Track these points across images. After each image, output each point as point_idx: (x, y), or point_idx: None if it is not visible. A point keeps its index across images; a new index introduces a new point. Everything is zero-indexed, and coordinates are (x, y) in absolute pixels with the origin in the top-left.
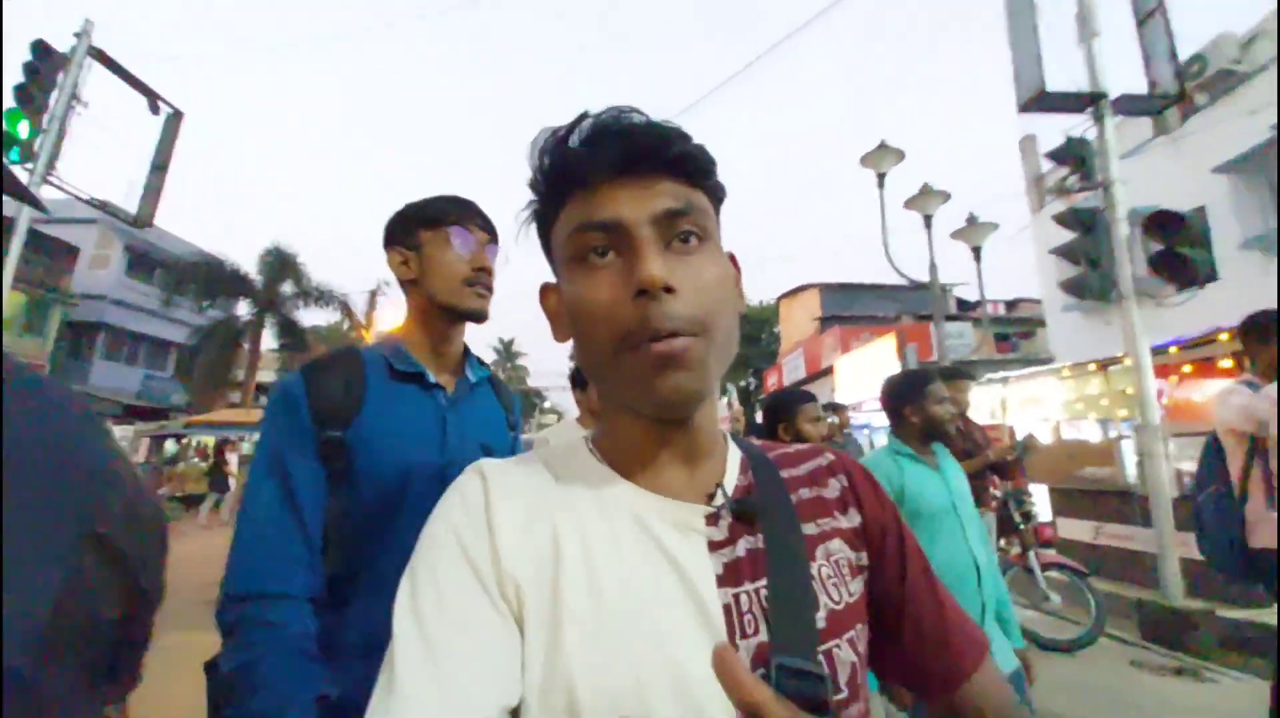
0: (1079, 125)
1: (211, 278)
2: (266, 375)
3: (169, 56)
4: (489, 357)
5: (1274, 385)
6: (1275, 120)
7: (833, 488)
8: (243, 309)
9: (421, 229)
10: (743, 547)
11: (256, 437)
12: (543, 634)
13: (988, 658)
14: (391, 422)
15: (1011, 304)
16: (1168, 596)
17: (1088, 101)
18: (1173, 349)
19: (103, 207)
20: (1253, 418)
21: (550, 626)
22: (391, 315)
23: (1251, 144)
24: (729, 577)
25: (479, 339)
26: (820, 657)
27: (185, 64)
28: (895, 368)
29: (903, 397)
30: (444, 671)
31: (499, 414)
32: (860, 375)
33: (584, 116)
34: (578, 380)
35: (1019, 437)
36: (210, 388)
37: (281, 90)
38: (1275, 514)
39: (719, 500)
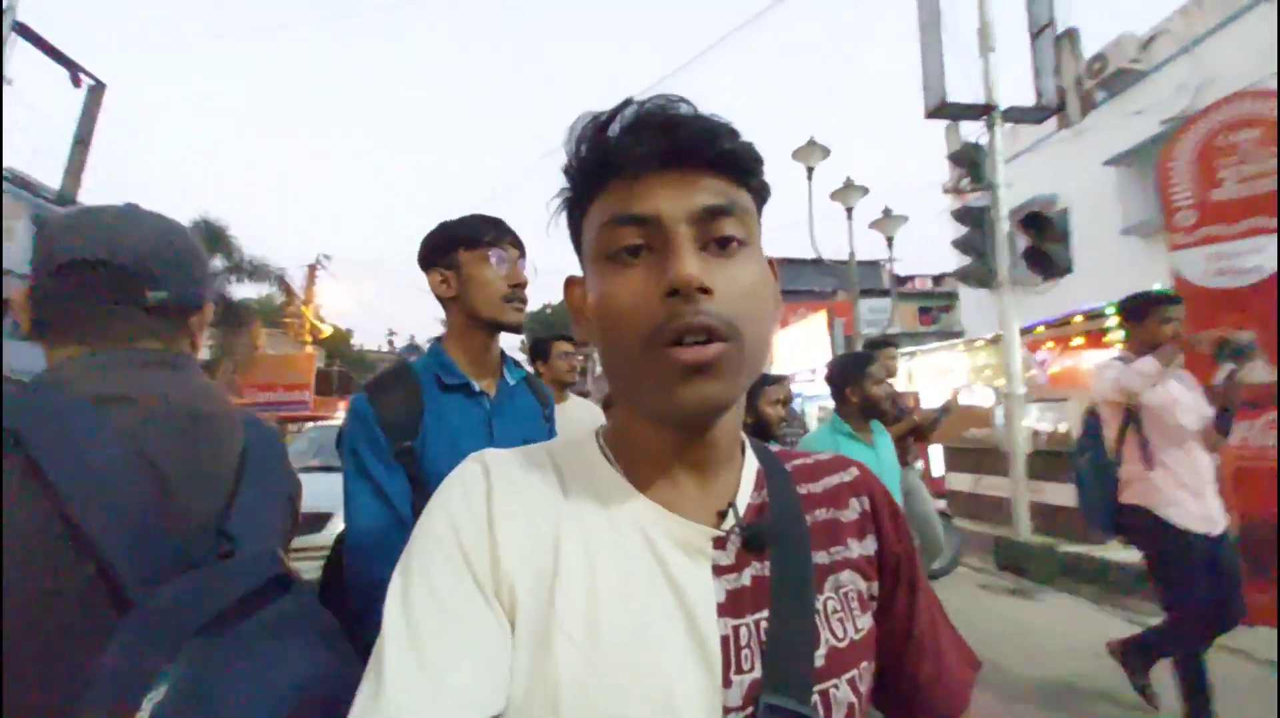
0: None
1: None
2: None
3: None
4: (437, 329)
5: (1145, 359)
6: (1160, 119)
7: (851, 510)
8: None
9: (460, 250)
10: (749, 575)
11: None
12: (532, 643)
13: (969, 701)
14: (446, 429)
15: (938, 279)
16: (1018, 533)
17: (981, 111)
18: (1039, 328)
19: (24, 184)
20: (1124, 389)
21: (541, 636)
22: (332, 289)
23: (1137, 140)
24: (731, 606)
25: (428, 313)
26: (816, 697)
27: (125, 43)
28: (825, 342)
29: (845, 377)
30: (433, 673)
31: (536, 409)
32: (795, 350)
33: (628, 103)
34: (537, 350)
35: (923, 404)
36: None
37: (226, 74)
38: (1148, 473)
39: (729, 522)
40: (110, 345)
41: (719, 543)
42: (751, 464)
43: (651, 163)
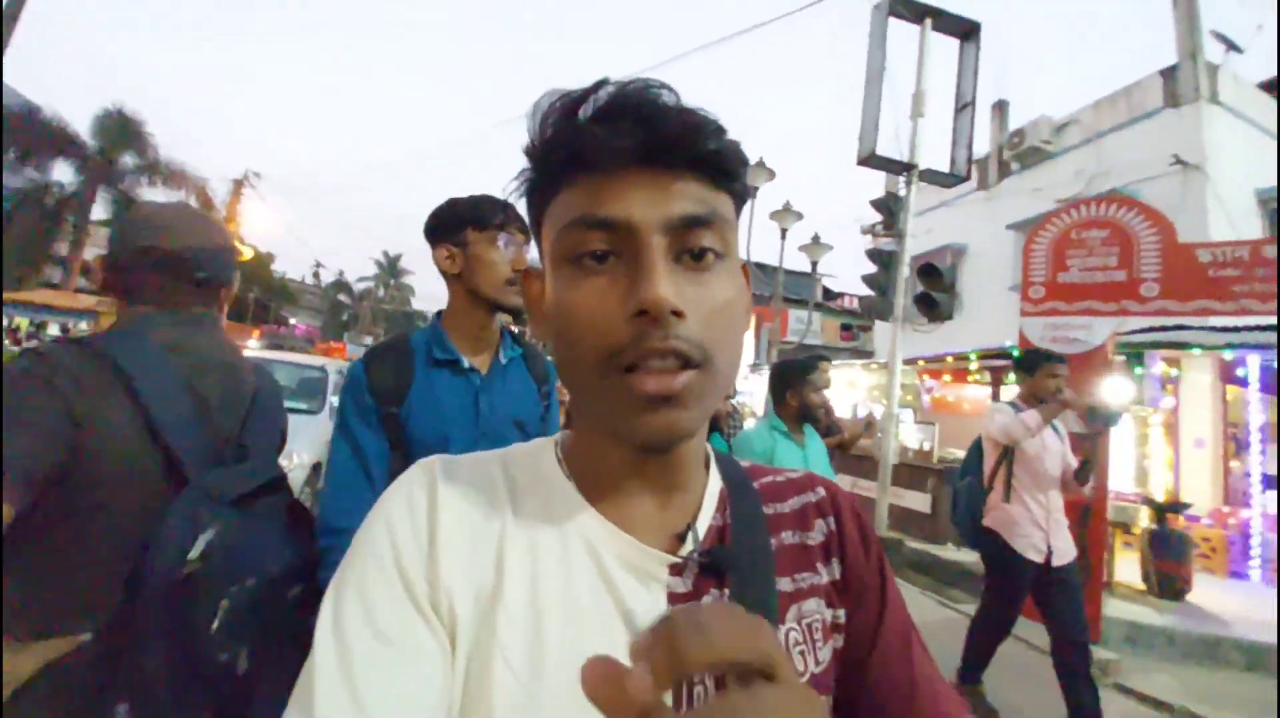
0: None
1: (28, 130)
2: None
3: None
4: (369, 270)
5: (1031, 413)
6: (1057, 199)
7: (818, 532)
8: (68, 175)
9: (470, 229)
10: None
11: (83, 324)
12: (468, 667)
13: None
14: (431, 401)
15: (864, 299)
16: (877, 529)
17: (903, 168)
18: (920, 361)
19: None
20: (1008, 435)
21: (479, 659)
22: (258, 210)
23: (1035, 213)
24: None
25: (361, 252)
26: None
27: None
28: (751, 344)
29: (787, 381)
30: (366, 702)
31: (530, 388)
32: None
33: (602, 84)
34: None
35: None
36: (24, 262)
37: None
38: (1006, 505)
39: (688, 546)
40: (169, 308)
41: (675, 569)
42: (715, 483)
43: (626, 159)
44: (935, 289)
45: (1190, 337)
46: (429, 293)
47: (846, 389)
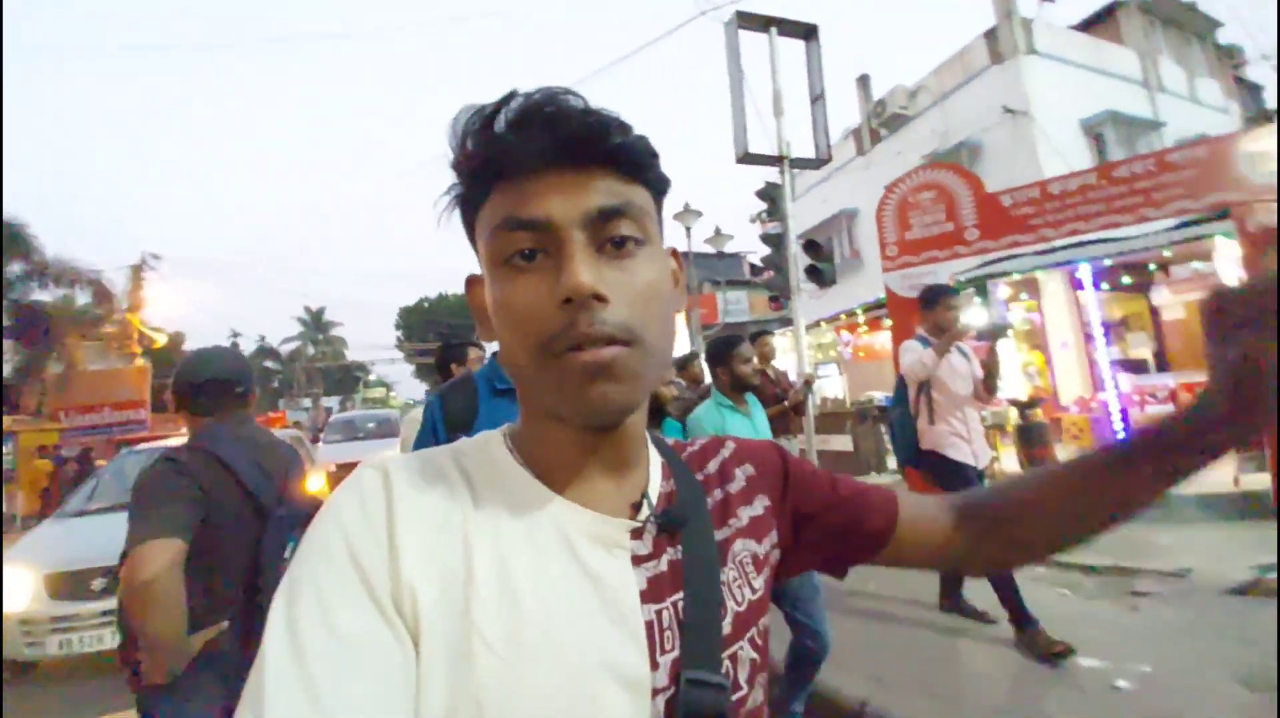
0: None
1: None
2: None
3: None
4: (293, 329)
5: (928, 352)
6: (921, 155)
7: (738, 480)
8: None
9: None
10: (665, 560)
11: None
12: (447, 657)
13: (900, 496)
14: (496, 424)
15: (766, 278)
16: None
17: (775, 161)
18: (821, 322)
19: None
20: (912, 373)
21: (459, 649)
22: (163, 296)
23: (903, 172)
24: (652, 593)
25: (281, 313)
26: (725, 661)
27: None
28: (682, 327)
29: (716, 359)
30: (322, 700)
31: None
32: None
33: (512, 96)
34: (450, 356)
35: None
36: None
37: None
38: (934, 426)
39: (644, 513)
40: (225, 416)
41: (636, 534)
42: (656, 458)
43: (541, 161)
44: (819, 260)
45: (1011, 265)
46: (363, 342)
47: (781, 355)
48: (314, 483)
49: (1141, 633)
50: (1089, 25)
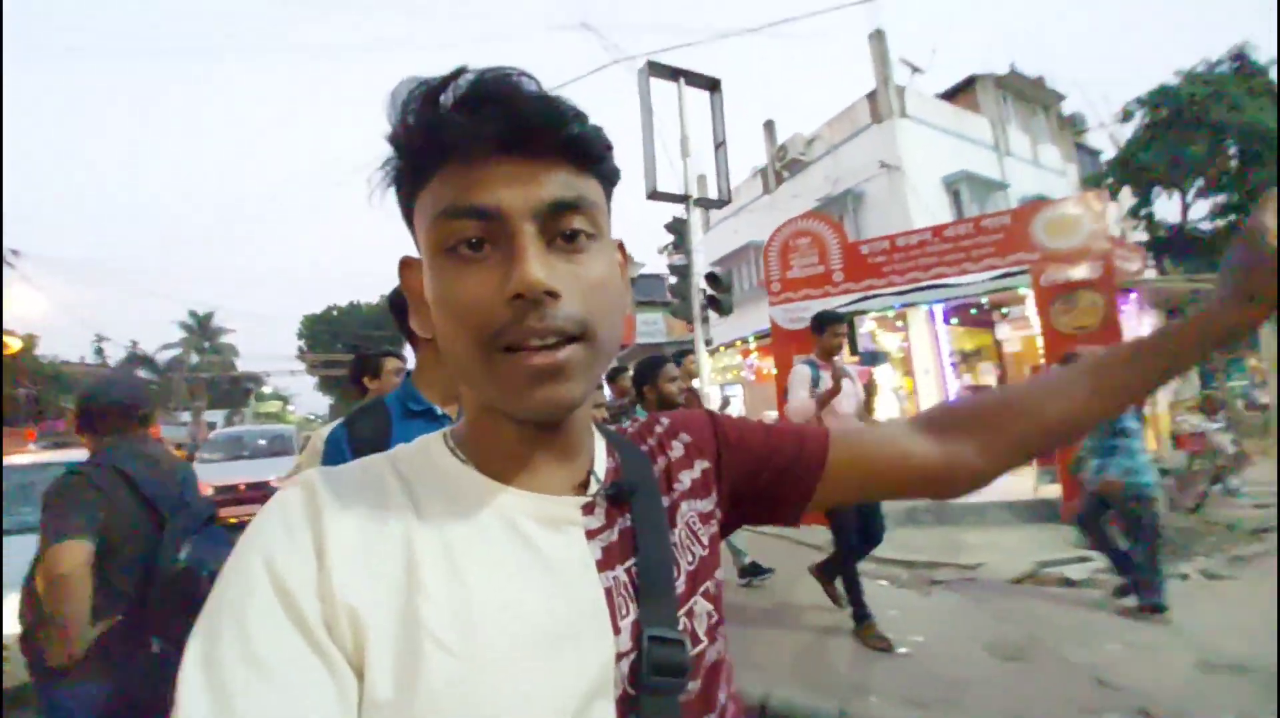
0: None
1: None
2: None
3: None
4: (174, 335)
5: (810, 404)
6: (816, 198)
7: (677, 449)
8: None
9: None
10: (617, 529)
11: None
12: (395, 670)
13: (834, 430)
14: None
15: (673, 304)
16: None
17: (681, 199)
18: (720, 346)
19: None
20: (797, 413)
21: (408, 658)
22: (19, 293)
23: (797, 213)
24: (607, 561)
25: (164, 316)
26: (682, 618)
27: None
28: None
29: (644, 378)
30: None
31: None
32: None
33: (461, 71)
34: (364, 368)
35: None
36: None
37: None
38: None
39: (593, 488)
40: (129, 436)
41: (588, 509)
42: (600, 439)
43: (491, 146)
44: (719, 291)
45: (870, 304)
46: (256, 352)
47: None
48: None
49: (928, 613)
50: (951, 95)
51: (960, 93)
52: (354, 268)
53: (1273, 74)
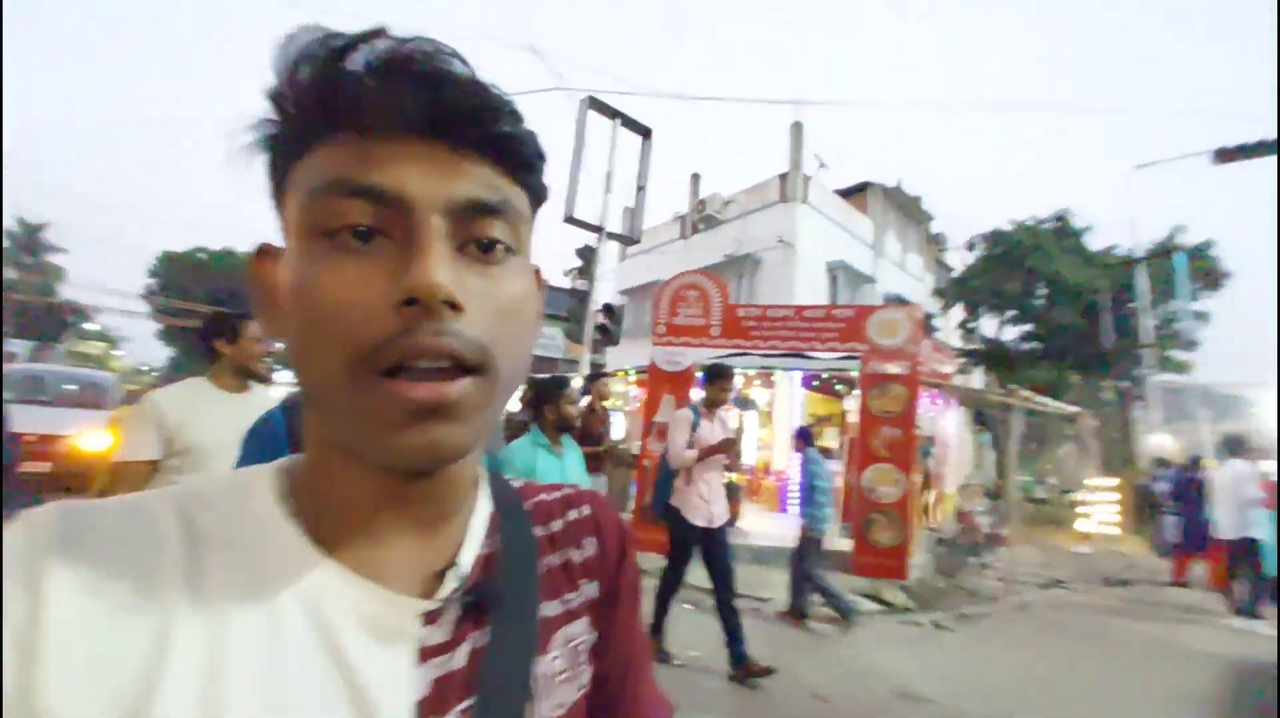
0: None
1: None
2: None
3: None
4: None
5: (691, 453)
6: (724, 253)
7: (586, 549)
8: None
9: None
10: (464, 652)
11: None
12: None
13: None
14: None
15: (567, 325)
16: None
17: (595, 229)
18: (616, 371)
19: None
20: (678, 459)
21: None
22: None
23: (709, 263)
24: (436, 701)
25: None
26: None
27: None
28: None
29: (545, 397)
30: None
31: None
32: None
33: (379, 32)
34: (218, 329)
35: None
36: None
37: None
38: (684, 485)
39: (448, 586)
40: None
41: (431, 617)
42: (486, 506)
43: (404, 124)
44: (611, 322)
45: (740, 361)
46: (86, 279)
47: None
48: None
49: (713, 634)
50: (847, 194)
51: (854, 194)
52: (240, 214)
53: (1084, 238)
